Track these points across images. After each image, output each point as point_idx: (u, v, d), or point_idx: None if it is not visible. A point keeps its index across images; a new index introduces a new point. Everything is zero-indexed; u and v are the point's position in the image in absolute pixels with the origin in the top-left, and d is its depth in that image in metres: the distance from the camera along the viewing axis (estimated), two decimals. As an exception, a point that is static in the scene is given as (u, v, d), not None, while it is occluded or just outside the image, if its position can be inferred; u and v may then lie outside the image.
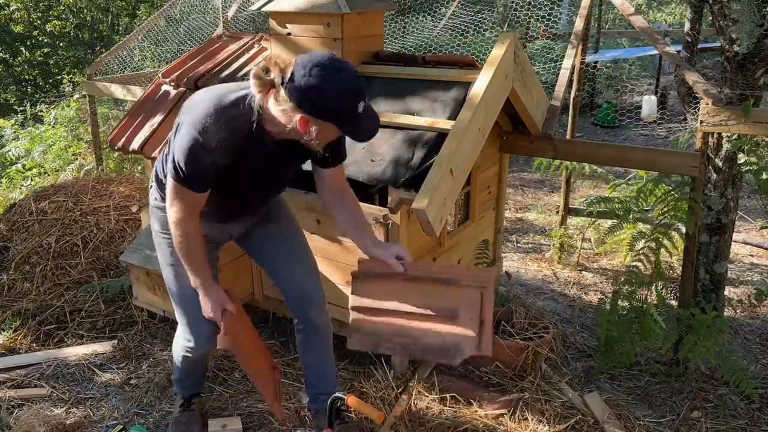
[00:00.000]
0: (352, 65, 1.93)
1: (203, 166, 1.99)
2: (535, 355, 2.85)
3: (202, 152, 1.96)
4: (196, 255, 2.15)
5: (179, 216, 2.10)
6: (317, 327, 2.50)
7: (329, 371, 2.57)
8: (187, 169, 1.99)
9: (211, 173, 2.03)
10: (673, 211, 3.02)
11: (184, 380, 2.61)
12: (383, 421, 2.04)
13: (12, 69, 12.33)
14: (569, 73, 3.46)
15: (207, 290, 2.18)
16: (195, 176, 2.02)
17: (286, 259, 2.45)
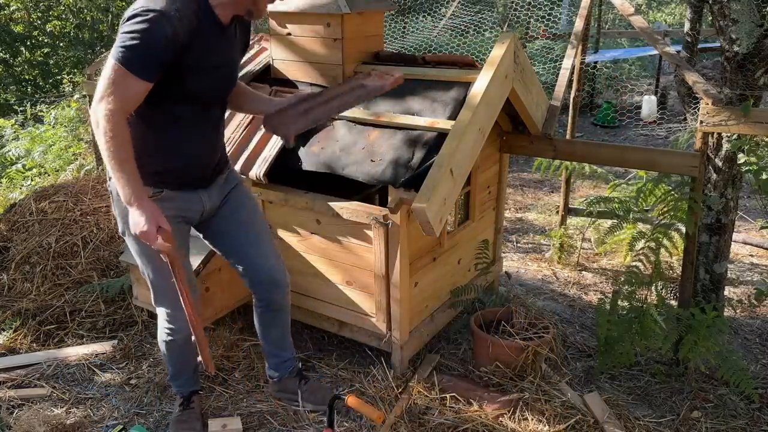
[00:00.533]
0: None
1: (161, 38, 1.89)
2: (535, 355, 2.85)
3: (162, 20, 1.88)
4: (128, 158, 1.97)
5: (112, 108, 1.91)
6: (282, 306, 2.62)
7: (289, 342, 2.74)
8: (141, 41, 1.87)
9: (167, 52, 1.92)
10: (673, 211, 3.02)
11: (178, 375, 2.62)
12: (383, 421, 2.04)
13: (12, 69, 12.33)
14: (569, 73, 3.46)
15: (140, 202, 2.01)
16: (148, 52, 1.90)
17: (255, 243, 2.48)
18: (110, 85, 1.92)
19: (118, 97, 1.92)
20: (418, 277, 2.89)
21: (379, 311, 2.84)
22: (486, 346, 2.90)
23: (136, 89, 1.95)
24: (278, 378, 2.77)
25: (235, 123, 3.08)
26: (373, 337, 2.92)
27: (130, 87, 1.93)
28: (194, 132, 2.20)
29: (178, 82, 2.05)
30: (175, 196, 2.24)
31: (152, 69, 1.94)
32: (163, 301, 2.42)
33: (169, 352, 2.55)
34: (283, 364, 2.75)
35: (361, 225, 2.74)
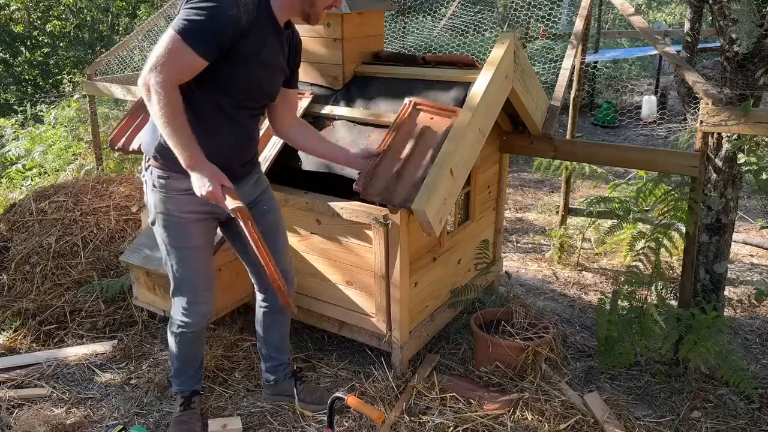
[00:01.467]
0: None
1: (226, 18, 1.93)
2: (535, 355, 2.85)
3: (229, 6, 1.93)
4: (183, 123, 2.00)
5: (165, 77, 1.91)
6: (284, 310, 2.65)
7: (287, 345, 2.78)
8: (206, 17, 1.90)
9: (228, 34, 1.96)
10: (673, 211, 3.02)
11: (181, 371, 2.61)
12: (383, 421, 2.04)
13: (12, 69, 12.33)
14: (569, 73, 3.46)
15: (202, 164, 2.04)
16: (211, 30, 1.92)
17: (278, 246, 2.52)
18: (166, 54, 1.92)
19: (172, 68, 1.93)
20: (418, 277, 2.89)
21: (379, 311, 2.84)
22: (486, 346, 2.90)
23: (192, 63, 1.96)
24: (274, 381, 2.77)
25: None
26: (373, 337, 2.92)
27: (185, 60, 1.94)
28: (230, 125, 2.22)
29: (227, 70, 2.08)
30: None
31: (211, 47, 1.96)
32: (182, 292, 2.42)
33: (178, 346, 2.54)
34: (280, 367, 2.77)
35: (361, 225, 2.74)
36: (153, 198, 2.29)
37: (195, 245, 2.35)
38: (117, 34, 12.68)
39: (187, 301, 2.43)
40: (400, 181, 2.50)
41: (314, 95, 3.06)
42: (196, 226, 2.33)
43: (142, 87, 1.98)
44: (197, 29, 1.92)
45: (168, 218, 2.29)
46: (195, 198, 2.18)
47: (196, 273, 2.39)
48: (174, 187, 2.24)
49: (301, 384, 2.77)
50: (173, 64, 1.94)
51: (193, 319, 2.46)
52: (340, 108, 2.98)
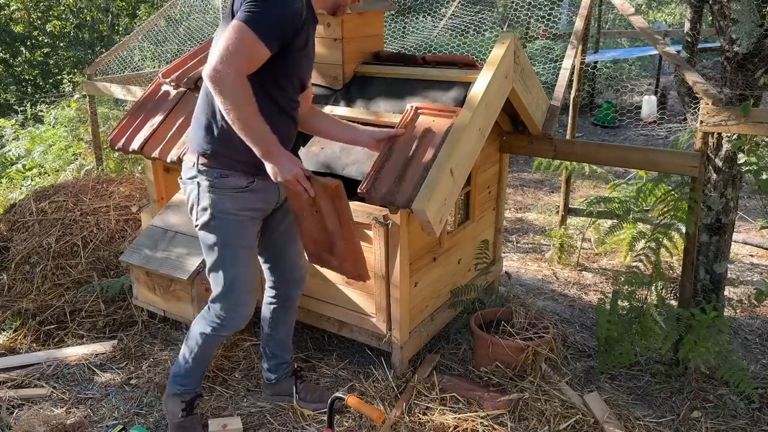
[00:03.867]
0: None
1: (291, 11, 1.97)
2: (535, 355, 2.85)
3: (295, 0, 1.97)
4: (256, 112, 2.00)
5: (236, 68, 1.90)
6: (295, 304, 2.71)
7: (290, 344, 2.79)
8: (274, 10, 1.93)
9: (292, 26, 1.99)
10: (673, 211, 3.02)
11: (193, 371, 2.53)
12: (383, 421, 2.04)
13: (12, 69, 12.33)
14: (569, 73, 3.46)
15: (280, 150, 2.09)
16: (278, 22, 1.95)
17: (295, 241, 2.55)
18: (238, 44, 1.90)
19: (244, 60, 1.92)
20: (418, 277, 2.89)
21: (379, 311, 2.84)
22: (486, 346, 2.90)
23: (259, 55, 1.97)
24: (275, 380, 2.77)
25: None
26: (373, 337, 2.92)
27: (254, 51, 1.94)
28: (284, 116, 2.23)
29: (284, 62, 2.09)
30: (262, 187, 2.28)
31: (277, 39, 1.98)
32: (232, 293, 2.37)
33: (204, 347, 2.48)
34: (282, 366, 2.77)
35: (361, 225, 2.74)
36: (208, 199, 2.25)
37: (250, 245, 2.36)
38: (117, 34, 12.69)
39: (234, 303, 2.38)
40: (403, 183, 2.50)
41: (314, 95, 3.05)
42: (251, 225, 2.34)
43: (210, 79, 1.94)
44: (267, 22, 1.92)
45: (226, 217, 2.27)
46: (251, 196, 2.25)
47: (246, 274, 2.37)
48: (232, 185, 2.23)
49: (301, 383, 2.78)
50: (245, 56, 1.93)
51: (236, 322, 2.42)
52: (340, 108, 2.98)
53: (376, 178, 2.55)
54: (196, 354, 2.50)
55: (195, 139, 2.27)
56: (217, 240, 2.31)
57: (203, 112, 2.24)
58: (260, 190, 2.29)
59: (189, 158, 2.30)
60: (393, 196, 2.48)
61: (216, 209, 2.26)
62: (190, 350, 2.51)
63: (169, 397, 2.58)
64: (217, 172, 2.23)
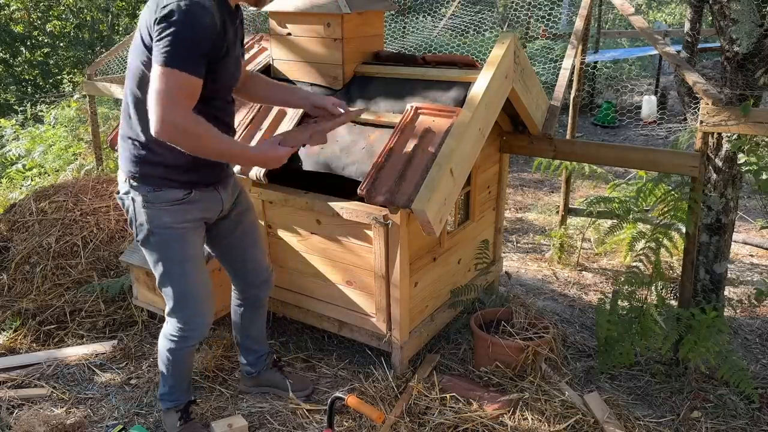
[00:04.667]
0: None
1: (203, 28, 1.91)
2: (535, 355, 2.85)
3: (201, 11, 1.90)
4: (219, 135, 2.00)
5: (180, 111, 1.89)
6: (265, 303, 2.75)
7: (265, 335, 2.83)
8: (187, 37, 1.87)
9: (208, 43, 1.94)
10: (673, 211, 3.02)
11: (176, 387, 2.52)
12: (383, 421, 2.04)
13: (12, 69, 12.33)
14: (569, 73, 3.46)
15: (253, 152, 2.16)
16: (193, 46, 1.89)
17: (256, 244, 2.59)
18: (169, 92, 1.88)
19: (182, 101, 1.91)
20: (418, 277, 2.89)
21: (379, 311, 2.84)
22: (486, 346, 2.90)
23: (194, 87, 1.93)
24: (257, 372, 2.82)
25: (236, 123, 3.07)
26: (373, 337, 2.92)
27: (188, 87, 1.91)
28: (219, 125, 2.17)
29: (211, 75, 2.04)
30: (201, 197, 2.26)
31: (201, 64, 1.94)
32: (185, 306, 2.35)
33: (175, 363, 2.45)
34: (260, 359, 2.82)
35: (361, 225, 2.74)
36: (145, 215, 2.20)
37: (194, 255, 2.32)
38: (117, 34, 12.69)
39: (189, 315, 2.36)
40: (403, 183, 2.50)
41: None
42: (193, 235, 2.29)
43: (162, 135, 1.92)
44: (185, 53, 1.88)
45: (165, 232, 2.22)
46: (189, 207, 2.21)
47: (198, 284, 2.34)
48: (168, 198, 2.19)
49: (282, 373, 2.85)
50: (182, 97, 1.91)
51: (197, 332, 2.40)
52: (340, 108, 2.98)
53: (376, 178, 2.55)
54: (171, 371, 2.48)
55: (123, 159, 2.21)
56: (160, 256, 2.26)
57: (126, 133, 2.18)
58: (199, 200, 2.25)
59: (120, 174, 2.25)
60: (393, 196, 2.48)
61: (153, 224, 2.20)
62: (165, 369, 2.49)
63: (163, 413, 2.56)
64: (151, 188, 2.18)
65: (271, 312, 3.26)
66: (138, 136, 2.14)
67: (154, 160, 2.15)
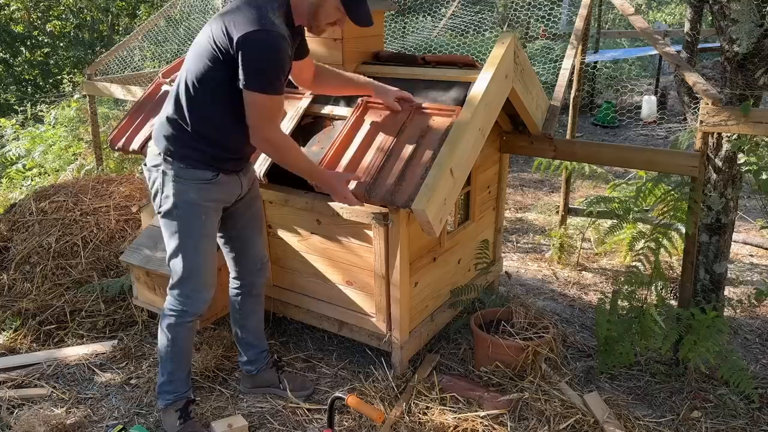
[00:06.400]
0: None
1: (285, 58, 2.16)
2: (535, 355, 2.85)
3: (281, 41, 2.12)
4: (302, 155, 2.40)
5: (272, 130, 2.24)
6: (262, 291, 2.80)
7: (263, 332, 2.86)
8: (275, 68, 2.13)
9: (287, 66, 2.21)
10: (672, 211, 3.02)
11: (175, 374, 2.52)
12: (383, 421, 2.04)
13: (12, 69, 12.33)
14: (569, 73, 3.46)
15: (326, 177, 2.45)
16: (276, 70, 2.15)
17: (260, 232, 2.69)
18: (262, 113, 2.20)
19: (270, 119, 2.23)
20: (418, 277, 2.89)
21: (379, 311, 2.84)
22: (486, 346, 2.90)
23: (279, 104, 2.24)
24: (256, 371, 2.82)
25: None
26: (373, 337, 2.92)
27: (275, 105, 2.22)
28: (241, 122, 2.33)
29: None
30: (226, 181, 2.42)
31: (283, 83, 2.21)
32: (190, 280, 2.43)
33: (173, 342, 2.48)
34: (260, 355, 2.82)
35: (361, 225, 2.74)
36: (172, 187, 2.35)
37: (211, 234, 2.45)
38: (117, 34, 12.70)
39: (192, 289, 2.45)
40: (403, 183, 2.50)
41: (314, 95, 3.05)
42: (214, 214, 2.43)
43: (263, 146, 2.31)
44: (270, 77, 2.15)
45: (189, 207, 2.36)
46: (215, 187, 2.37)
47: (206, 262, 2.44)
48: (197, 177, 2.34)
49: (283, 374, 2.86)
50: (269, 116, 2.22)
51: (196, 307, 2.47)
52: (340, 108, 2.98)
53: (376, 178, 2.55)
54: (170, 352, 2.51)
55: (161, 136, 2.37)
56: (179, 228, 2.38)
57: (171, 115, 2.34)
58: (224, 183, 2.41)
59: (154, 148, 2.40)
60: (393, 196, 2.48)
61: (180, 198, 2.35)
62: (164, 351, 2.52)
63: (163, 412, 2.56)
64: (182, 165, 2.34)
65: (271, 312, 3.27)
66: (185, 120, 2.31)
67: (193, 145, 2.32)
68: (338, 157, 2.74)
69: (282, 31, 2.14)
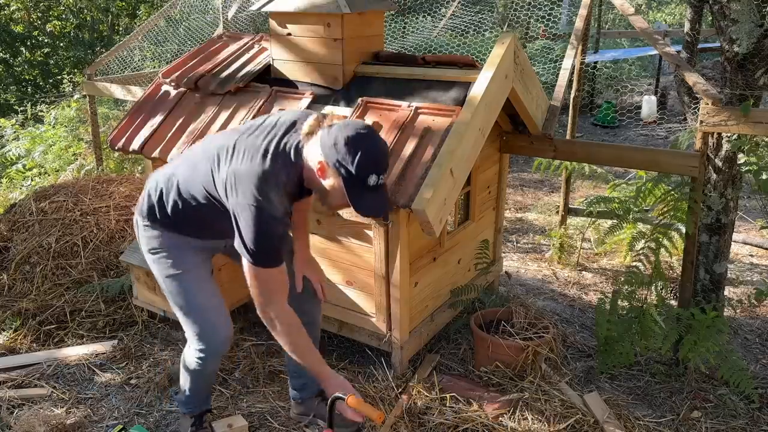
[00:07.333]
0: (386, 144, 2.02)
1: (279, 235, 1.99)
2: (535, 355, 2.85)
3: (275, 223, 1.96)
4: (308, 342, 2.10)
5: (278, 305, 2.03)
6: (316, 321, 2.57)
7: None
8: (269, 245, 1.97)
9: (286, 228, 2.04)
10: (672, 211, 3.02)
11: (194, 398, 2.48)
12: (383, 421, 2.04)
13: (12, 69, 12.33)
14: (569, 73, 3.46)
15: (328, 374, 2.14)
16: (275, 249, 1.99)
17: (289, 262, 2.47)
18: (260, 285, 2.01)
19: (268, 292, 2.03)
20: (418, 277, 2.89)
21: (379, 311, 2.84)
22: (486, 346, 2.90)
23: (281, 275, 2.04)
24: (301, 399, 2.65)
25: (236, 123, 3.08)
26: (373, 337, 2.92)
27: (270, 278, 2.02)
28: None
29: None
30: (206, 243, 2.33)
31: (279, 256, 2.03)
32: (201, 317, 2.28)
33: (198, 375, 2.38)
34: (305, 386, 2.63)
35: (361, 225, 2.74)
36: (149, 235, 2.26)
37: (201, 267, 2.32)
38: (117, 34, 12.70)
39: (209, 326, 2.27)
40: (403, 183, 2.50)
41: (314, 95, 3.06)
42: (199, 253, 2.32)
43: (262, 317, 2.08)
44: (270, 252, 1.99)
45: (170, 250, 2.25)
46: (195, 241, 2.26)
47: (209, 294, 2.30)
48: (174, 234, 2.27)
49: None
50: (276, 289, 2.04)
51: (218, 345, 2.30)
52: (340, 108, 2.98)
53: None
54: (191, 384, 2.43)
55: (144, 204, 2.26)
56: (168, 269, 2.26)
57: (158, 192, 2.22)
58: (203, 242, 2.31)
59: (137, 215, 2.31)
60: (393, 196, 2.48)
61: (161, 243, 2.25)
62: (184, 379, 2.44)
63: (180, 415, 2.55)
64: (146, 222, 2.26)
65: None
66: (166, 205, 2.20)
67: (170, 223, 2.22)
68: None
69: (276, 212, 1.96)
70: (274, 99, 3.11)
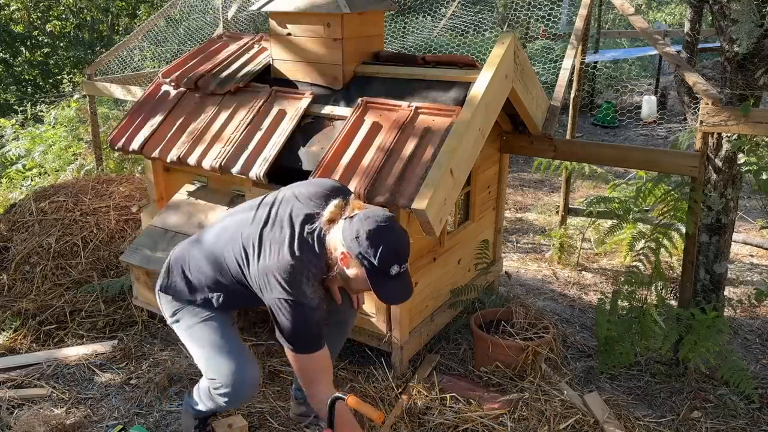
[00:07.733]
0: (407, 234, 2.02)
1: (316, 323, 2.01)
2: (535, 355, 2.85)
3: (311, 313, 1.99)
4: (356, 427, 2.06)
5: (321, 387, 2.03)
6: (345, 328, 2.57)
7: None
8: (308, 334, 2.00)
9: (321, 323, 2.04)
10: (672, 211, 3.02)
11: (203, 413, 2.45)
12: (383, 421, 2.04)
13: (12, 69, 12.33)
14: (569, 73, 3.46)
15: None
16: (314, 336, 2.02)
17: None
18: (306, 372, 2.05)
19: (311, 381, 2.05)
20: (418, 277, 2.89)
21: (379, 311, 2.84)
22: (486, 346, 2.90)
23: (323, 359, 2.06)
24: (303, 399, 2.59)
25: (236, 123, 3.08)
26: (373, 337, 2.92)
27: (311, 366, 2.05)
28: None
29: None
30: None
31: (321, 340, 2.05)
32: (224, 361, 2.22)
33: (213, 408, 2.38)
34: None
35: (361, 225, 2.73)
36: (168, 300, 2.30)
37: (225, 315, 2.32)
38: (117, 34, 12.70)
39: (233, 371, 2.19)
40: (403, 183, 2.50)
41: (314, 95, 3.06)
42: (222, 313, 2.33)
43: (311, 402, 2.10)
44: (309, 340, 2.02)
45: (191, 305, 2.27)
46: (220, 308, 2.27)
47: (230, 338, 2.27)
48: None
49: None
50: (314, 378, 2.05)
51: (246, 390, 2.24)
52: (340, 108, 2.98)
53: (376, 178, 2.55)
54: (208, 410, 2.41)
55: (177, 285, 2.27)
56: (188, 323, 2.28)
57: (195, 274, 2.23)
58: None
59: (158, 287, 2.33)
60: (393, 196, 2.48)
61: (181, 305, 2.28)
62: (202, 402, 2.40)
63: (183, 412, 2.54)
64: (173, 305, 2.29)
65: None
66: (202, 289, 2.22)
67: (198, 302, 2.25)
68: (338, 157, 2.74)
69: (312, 303, 1.98)
70: (273, 99, 3.11)
